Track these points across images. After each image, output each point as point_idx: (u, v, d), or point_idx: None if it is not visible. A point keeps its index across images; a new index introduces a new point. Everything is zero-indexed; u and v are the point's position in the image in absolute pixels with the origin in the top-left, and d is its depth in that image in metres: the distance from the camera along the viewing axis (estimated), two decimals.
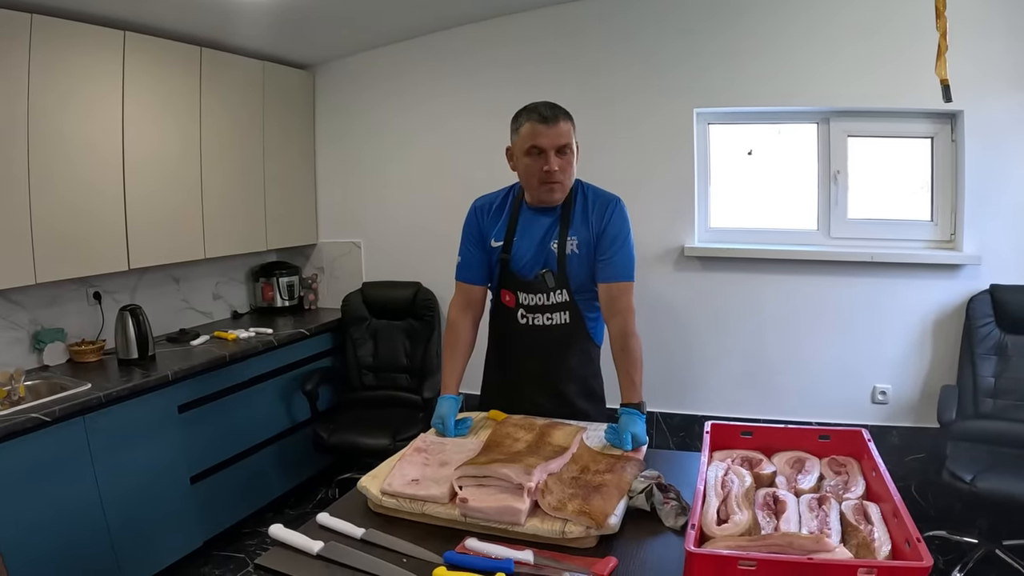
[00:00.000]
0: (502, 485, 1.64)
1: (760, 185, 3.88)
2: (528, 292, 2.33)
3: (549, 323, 2.34)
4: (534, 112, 2.20)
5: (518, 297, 2.35)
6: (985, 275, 3.40)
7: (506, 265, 2.35)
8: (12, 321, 3.19)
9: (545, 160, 2.19)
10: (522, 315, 2.36)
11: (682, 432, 3.92)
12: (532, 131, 2.19)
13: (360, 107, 4.45)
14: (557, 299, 2.31)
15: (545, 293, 2.31)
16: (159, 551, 3.20)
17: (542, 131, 2.17)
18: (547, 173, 2.19)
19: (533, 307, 2.34)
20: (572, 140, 2.23)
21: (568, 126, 2.21)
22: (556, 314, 2.33)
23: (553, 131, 2.17)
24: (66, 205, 3.07)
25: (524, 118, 2.23)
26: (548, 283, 2.29)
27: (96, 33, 3.13)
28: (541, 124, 2.18)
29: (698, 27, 3.67)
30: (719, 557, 1.29)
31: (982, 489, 2.83)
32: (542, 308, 2.33)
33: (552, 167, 2.18)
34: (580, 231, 2.29)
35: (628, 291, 2.28)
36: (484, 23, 4.04)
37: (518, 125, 2.25)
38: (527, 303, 2.34)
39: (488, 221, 2.41)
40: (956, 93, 2.23)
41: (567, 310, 2.33)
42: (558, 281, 2.29)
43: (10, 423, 2.54)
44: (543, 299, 2.32)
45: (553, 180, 2.21)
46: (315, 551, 1.59)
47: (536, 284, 2.31)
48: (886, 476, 1.57)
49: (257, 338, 3.82)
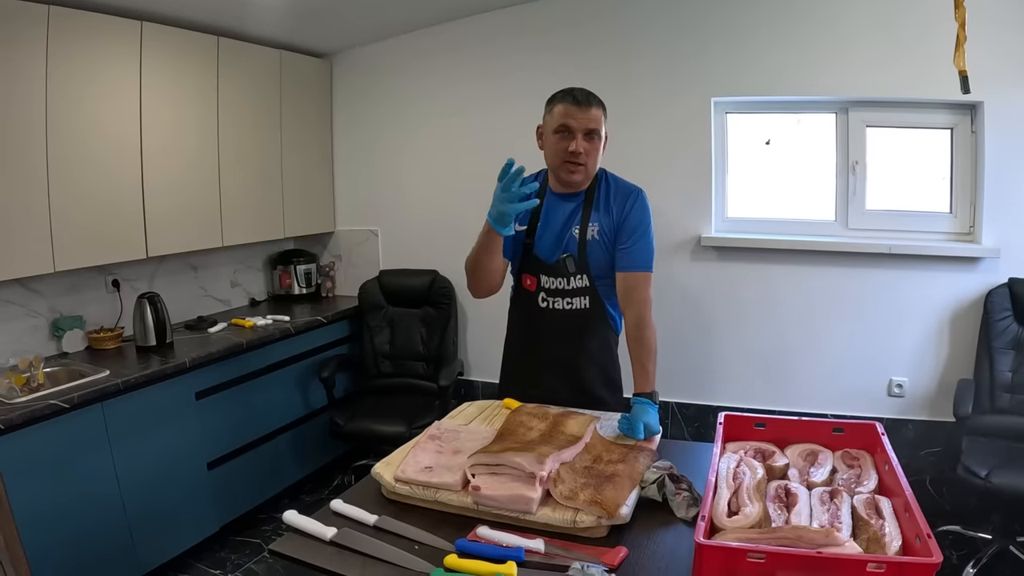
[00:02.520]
0: (514, 474, 1.65)
1: (778, 175, 3.85)
2: (549, 275, 2.35)
3: (569, 307, 2.36)
4: (569, 94, 2.25)
5: (539, 281, 2.37)
6: (1004, 268, 3.37)
7: (529, 249, 2.38)
8: (31, 309, 3.23)
9: (572, 141, 2.23)
10: (543, 299, 2.38)
11: (697, 422, 3.92)
12: (564, 111, 2.23)
13: (377, 95, 4.46)
14: (577, 284, 2.33)
15: (566, 277, 2.33)
16: (176, 536, 3.24)
17: (574, 112, 2.22)
18: (572, 154, 2.23)
19: (554, 291, 2.36)
20: (601, 128, 2.27)
21: (600, 113, 2.25)
22: (576, 299, 2.35)
23: (584, 114, 2.22)
24: (84, 194, 3.10)
25: (558, 99, 2.27)
26: (569, 268, 2.32)
27: (113, 24, 3.15)
28: (574, 106, 2.22)
29: (716, 16, 3.64)
30: (728, 549, 1.30)
31: (997, 485, 2.80)
32: (562, 292, 2.35)
33: (578, 149, 2.22)
34: (602, 218, 2.32)
35: (646, 281, 2.30)
36: (500, 12, 4.03)
37: (551, 105, 2.29)
38: (548, 287, 2.36)
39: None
40: (976, 84, 2.21)
41: (587, 295, 2.34)
42: (579, 266, 2.31)
43: (29, 410, 2.58)
44: (563, 283, 2.34)
45: (577, 162, 2.25)
46: (328, 537, 1.60)
47: (558, 268, 2.33)
48: (898, 470, 1.57)
49: (274, 325, 3.85)
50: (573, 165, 2.26)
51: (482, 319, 4.37)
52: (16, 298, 3.16)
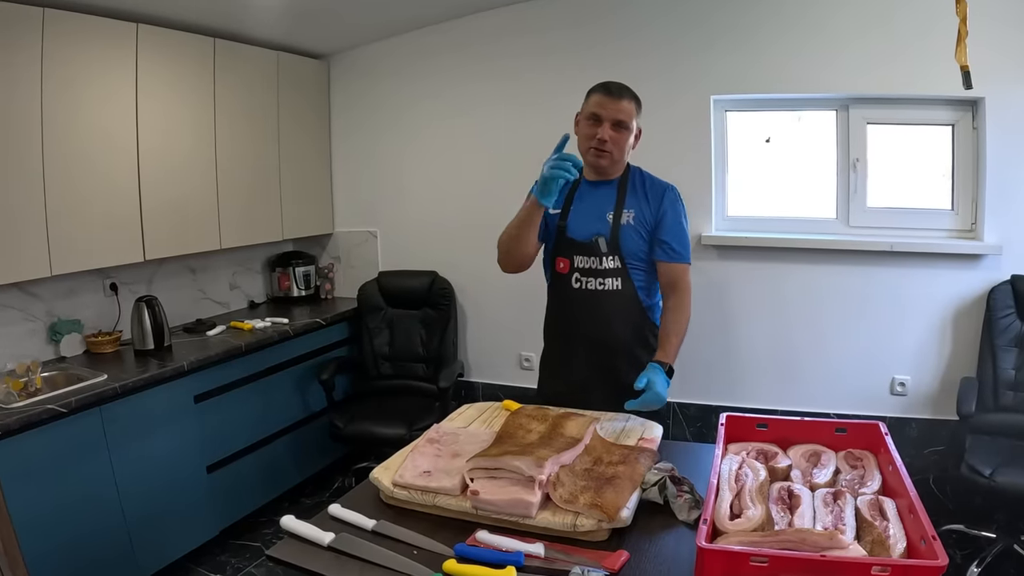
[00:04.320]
0: (513, 477, 1.64)
1: (778, 173, 3.83)
2: (582, 255, 2.43)
3: (601, 288, 2.43)
4: (604, 86, 2.40)
5: (573, 261, 2.44)
6: (1006, 265, 3.34)
7: (562, 232, 2.46)
8: (29, 313, 3.21)
9: (600, 128, 2.35)
10: (576, 279, 2.45)
11: (699, 422, 3.90)
12: (597, 101, 2.37)
13: (375, 96, 4.45)
14: (609, 264, 2.41)
15: (598, 257, 2.41)
16: (175, 540, 3.23)
17: (605, 102, 2.35)
18: (599, 140, 2.35)
19: (587, 271, 2.43)
20: (631, 121, 2.38)
21: (631, 106, 2.38)
22: (608, 279, 2.42)
23: (614, 105, 2.35)
24: (81, 198, 3.08)
25: (594, 90, 2.41)
26: (601, 248, 2.40)
27: (108, 26, 3.14)
28: (606, 96, 2.36)
29: (716, 14, 3.62)
30: (730, 553, 1.28)
31: (1001, 483, 2.78)
32: (595, 272, 2.43)
33: (604, 136, 2.34)
34: (637, 207, 2.43)
35: (686, 272, 2.45)
36: (500, 11, 4.02)
37: (588, 96, 2.43)
38: (581, 266, 2.44)
39: None
40: (978, 80, 2.19)
41: (619, 277, 2.42)
42: (610, 247, 2.40)
43: (27, 414, 2.56)
44: (596, 263, 2.42)
45: (603, 148, 2.36)
46: (326, 543, 1.60)
47: (590, 247, 2.41)
48: (902, 471, 1.55)
49: (273, 328, 3.83)
50: (599, 151, 2.37)
51: (482, 320, 4.36)
52: (14, 302, 3.14)
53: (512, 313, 4.19)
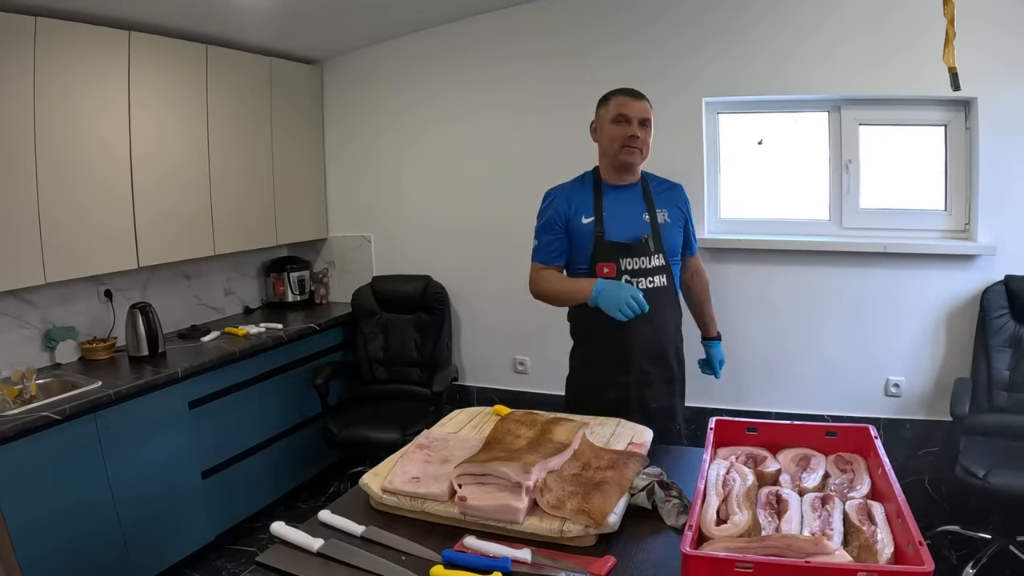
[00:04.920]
0: (501, 483, 1.64)
1: (771, 175, 3.83)
2: (631, 256, 2.53)
3: (651, 285, 2.55)
4: (622, 90, 2.59)
5: (619, 264, 2.52)
6: (1000, 266, 3.34)
7: (601, 238, 2.54)
8: (24, 320, 3.21)
9: (630, 126, 2.52)
10: (626, 281, 2.52)
11: (693, 425, 3.86)
12: (621, 103, 2.55)
13: (368, 101, 4.45)
14: (656, 263, 2.55)
15: (647, 256, 2.53)
16: (171, 546, 3.23)
17: (629, 103, 2.54)
18: (631, 138, 2.52)
19: (637, 271, 2.53)
20: (651, 119, 2.59)
21: (648, 106, 2.58)
22: (656, 277, 2.56)
23: (639, 105, 2.55)
24: (75, 205, 3.09)
25: (613, 95, 2.59)
26: (650, 247, 2.53)
27: (101, 34, 3.14)
28: (629, 97, 2.55)
29: (706, 17, 3.62)
30: (715, 559, 1.28)
31: (995, 485, 2.78)
32: (645, 272, 2.54)
33: (635, 132, 2.52)
34: (667, 206, 2.64)
35: (699, 259, 2.95)
36: (492, 16, 4.02)
37: (607, 100, 2.60)
38: (630, 268, 2.53)
39: (574, 202, 2.62)
40: (969, 80, 2.21)
41: (665, 273, 2.58)
42: (656, 246, 2.55)
43: (22, 421, 2.57)
44: (646, 262, 2.53)
45: (635, 145, 2.53)
46: (315, 549, 1.60)
47: (639, 247, 2.53)
48: (891, 475, 1.55)
49: (267, 333, 3.83)
50: (631, 148, 2.53)
51: (476, 324, 4.36)
52: (8, 309, 3.15)
53: (506, 317, 4.19)
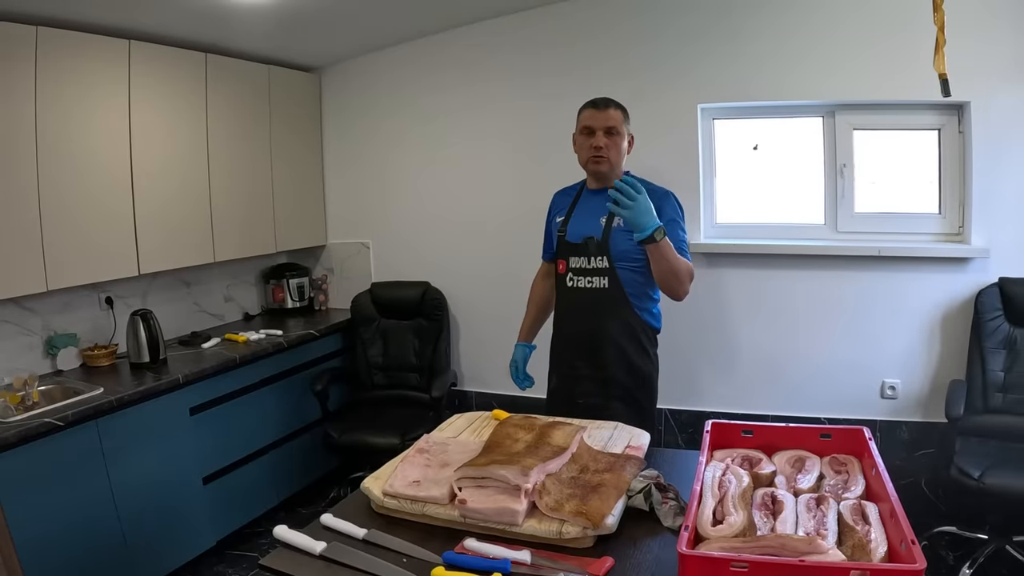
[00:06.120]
0: (500, 486, 1.66)
1: (766, 180, 3.85)
2: (575, 255, 2.69)
3: (589, 285, 2.66)
4: (590, 102, 2.71)
5: (568, 262, 2.71)
6: (994, 268, 3.37)
7: (562, 237, 2.75)
8: (25, 327, 3.23)
9: (594, 137, 2.63)
10: (569, 278, 2.72)
11: (690, 429, 3.92)
12: (587, 115, 2.68)
13: (366, 108, 4.47)
14: (597, 264, 2.64)
15: (587, 257, 2.65)
16: (172, 551, 3.24)
17: (593, 114, 2.66)
18: (595, 148, 2.64)
19: (578, 270, 2.69)
20: (620, 126, 2.68)
21: (618, 114, 2.68)
22: (596, 278, 2.65)
23: (603, 115, 2.65)
24: (76, 213, 3.11)
25: (584, 107, 2.72)
26: (589, 248, 2.64)
27: (101, 43, 3.17)
28: (593, 109, 2.67)
29: (701, 24, 3.65)
30: (711, 559, 1.30)
31: (990, 485, 2.80)
32: (584, 271, 2.67)
33: (599, 143, 2.63)
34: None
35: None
36: (490, 24, 4.05)
37: (579, 114, 2.73)
38: (574, 266, 2.70)
39: (558, 204, 2.91)
40: (962, 84, 2.23)
41: (606, 276, 2.64)
42: (599, 248, 2.63)
43: (24, 428, 2.58)
44: (585, 262, 2.66)
45: (600, 154, 2.64)
46: (318, 551, 1.62)
47: (581, 248, 2.67)
48: (884, 475, 1.57)
49: (267, 340, 3.86)
50: (597, 157, 2.65)
51: (474, 330, 4.39)
52: (10, 316, 3.17)
53: (504, 322, 4.19)
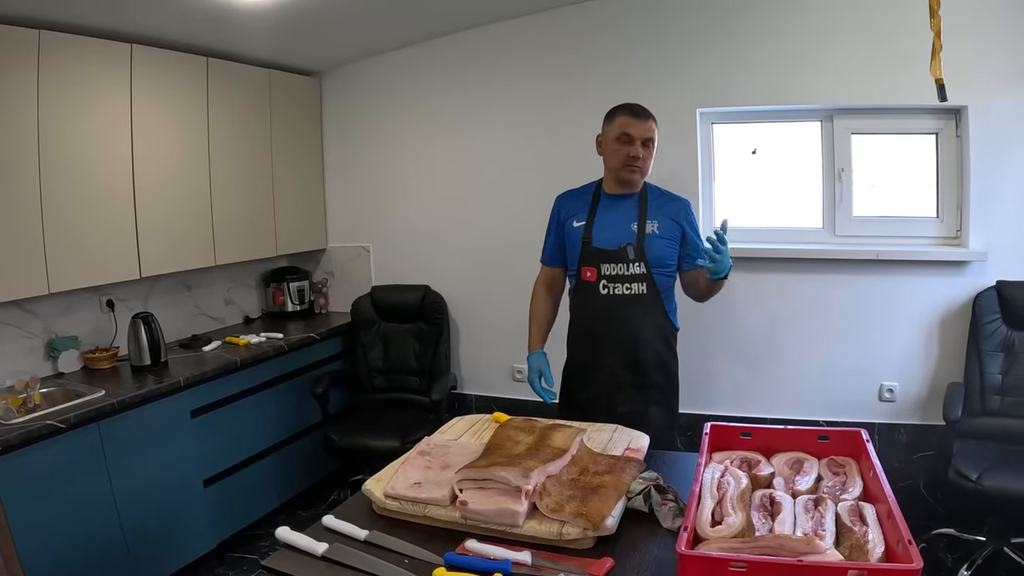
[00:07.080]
0: (501, 488, 1.68)
1: (765, 184, 3.87)
2: (609, 262, 2.65)
3: (628, 292, 2.66)
4: (627, 108, 2.65)
5: (599, 269, 2.67)
6: (991, 271, 3.38)
7: (588, 243, 2.69)
8: (27, 330, 3.24)
9: (633, 146, 2.59)
10: (603, 286, 2.67)
11: (690, 431, 3.92)
12: (625, 122, 2.62)
13: (367, 112, 4.49)
14: (635, 271, 2.64)
15: (625, 264, 2.64)
16: (173, 553, 3.25)
17: (633, 123, 2.61)
18: (632, 158, 2.60)
19: (614, 277, 2.66)
20: (655, 137, 2.65)
21: (653, 125, 2.64)
22: (634, 284, 2.65)
23: (643, 125, 2.61)
24: (78, 216, 3.12)
25: (619, 112, 2.66)
26: (628, 255, 2.63)
27: (103, 47, 3.18)
28: (632, 117, 2.61)
29: (701, 28, 3.66)
30: (710, 559, 1.32)
31: (988, 487, 2.82)
32: (622, 278, 2.65)
33: (637, 153, 2.60)
34: (660, 218, 2.68)
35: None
36: (490, 28, 4.06)
37: (612, 117, 2.67)
38: (608, 273, 2.66)
39: (568, 207, 2.82)
40: (959, 88, 2.24)
41: (644, 282, 2.65)
42: (637, 254, 2.63)
43: (26, 430, 2.59)
44: (623, 269, 2.64)
45: (636, 164, 2.61)
46: (320, 553, 1.63)
47: (618, 255, 2.64)
48: (882, 477, 1.59)
49: (268, 343, 3.86)
50: (632, 167, 2.62)
51: (474, 333, 4.40)
52: (12, 319, 3.18)
53: (504, 326, 4.21)
